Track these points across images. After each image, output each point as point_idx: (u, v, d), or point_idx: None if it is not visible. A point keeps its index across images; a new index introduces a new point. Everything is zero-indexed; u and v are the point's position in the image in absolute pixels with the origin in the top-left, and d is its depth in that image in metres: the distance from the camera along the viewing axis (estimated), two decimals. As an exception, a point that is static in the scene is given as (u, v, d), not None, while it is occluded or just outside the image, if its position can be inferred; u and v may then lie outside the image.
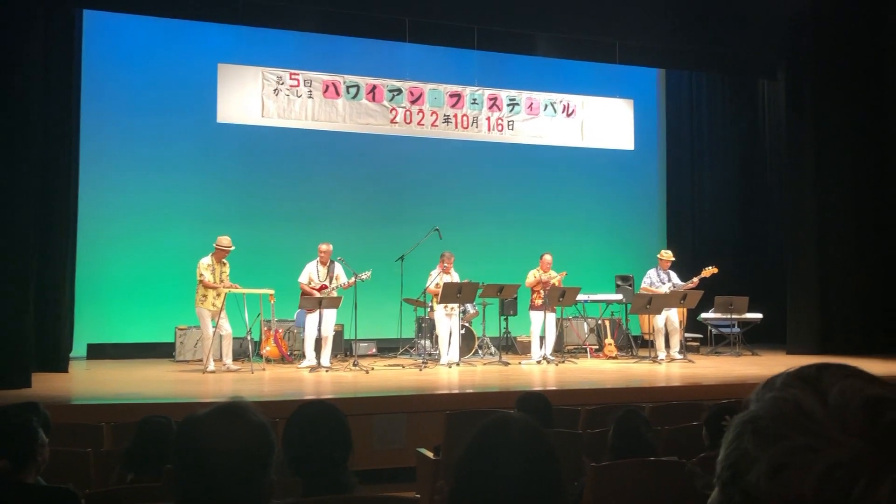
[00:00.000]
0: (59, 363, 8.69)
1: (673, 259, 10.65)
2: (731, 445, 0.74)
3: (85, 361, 10.08)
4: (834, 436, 0.67)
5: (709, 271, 10.32)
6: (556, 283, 10.16)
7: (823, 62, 10.98)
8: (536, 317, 10.19)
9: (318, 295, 9.24)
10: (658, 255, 10.75)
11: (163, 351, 10.41)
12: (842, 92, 10.92)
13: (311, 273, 9.53)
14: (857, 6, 10.99)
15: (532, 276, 10.27)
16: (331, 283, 9.46)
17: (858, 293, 10.88)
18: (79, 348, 9.99)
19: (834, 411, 0.69)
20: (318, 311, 9.16)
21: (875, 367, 8.26)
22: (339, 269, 9.58)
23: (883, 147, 11.10)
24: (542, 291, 10.13)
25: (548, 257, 10.32)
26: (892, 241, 10.85)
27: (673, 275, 10.55)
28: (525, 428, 1.57)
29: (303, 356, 9.55)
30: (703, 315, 11.22)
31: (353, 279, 9.36)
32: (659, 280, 10.49)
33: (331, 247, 9.57)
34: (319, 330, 9.24)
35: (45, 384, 7.43)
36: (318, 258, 9.57)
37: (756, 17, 11.27)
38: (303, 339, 9.69)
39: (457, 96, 11.57)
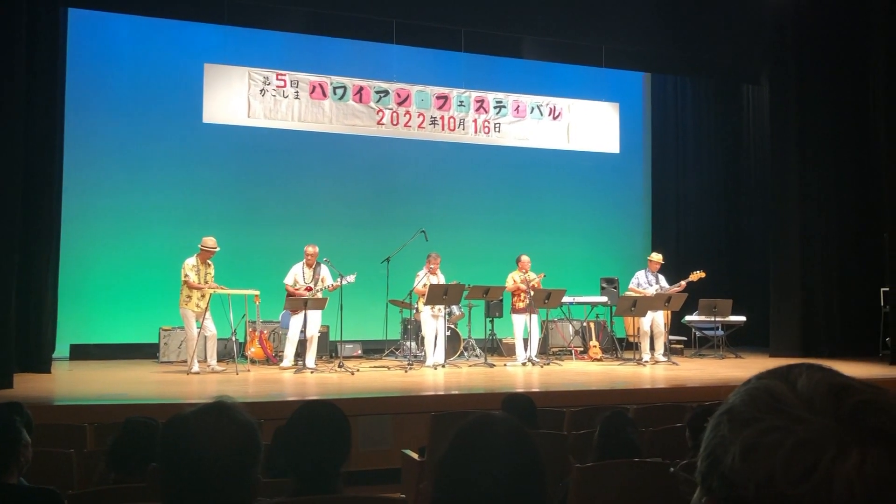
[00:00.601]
0: (41, 364, 8.61)
1: (662, 262, 10.70)
2: (709, 436, 0.77)
3: (68, 362, 9.99)
4: (802, 415, 0.70)
5: (696, 276, 10.37)
6: (536, 285, 10.17)
7: (807, 67, 11.08)
8: (518, 320, 10.20)
9: (303, 296, 9.22)
10: (648, 258, 10.81)
11: (147, 352, 10.35)
12: (826, 96, 11.01)
13: (297, 275, 9.50)
14: (840, 10, 11.08)
15: (511, 279, 10.26)
16: (316, 285, 9.43)
17: (841, 296, 10.98)
18: (62, 349, 9.91)
19: (802, 395, 0.72)
20: (302, 312, 9.14)
21: (856, 369, 8.34)
22: (325, 271, 9.55)
23: (867, 151, 11.20)
24: (523, 294, 10.14)
25: (525, 258, 10.33)
26: (875, 245, 10.94)
27: (661, 278, 10.60)
28: (509, 427, 1.56)
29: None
30: (688, 318, 11.27)
31: (338, 281, 9.34)
32: (647, 282, 10.54)
33: (317, 249, 9.55)
34: (304, 331, 9.23)
35: (27, 385, 7.38)
36: (304, 260, 9.54)
37: (740, 23, 11.38)
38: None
39: (444, 98, 11.57)
